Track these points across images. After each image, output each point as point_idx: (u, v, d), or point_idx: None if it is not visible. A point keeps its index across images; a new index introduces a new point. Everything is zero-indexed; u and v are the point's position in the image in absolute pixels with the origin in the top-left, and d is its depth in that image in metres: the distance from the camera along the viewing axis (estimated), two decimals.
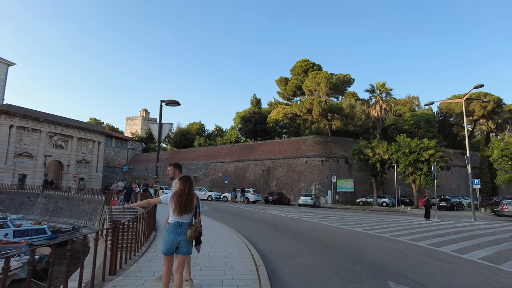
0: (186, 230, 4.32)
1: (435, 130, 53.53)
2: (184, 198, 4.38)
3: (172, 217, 4.40)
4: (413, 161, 34.96)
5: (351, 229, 13.92)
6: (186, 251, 4.37)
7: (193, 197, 4.47)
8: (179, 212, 4.32)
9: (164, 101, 11.10)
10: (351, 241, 10.62)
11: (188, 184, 4.52)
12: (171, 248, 4.30)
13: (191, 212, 4.42)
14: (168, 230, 4.35)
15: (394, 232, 12.92)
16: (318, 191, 41.72)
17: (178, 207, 4.34)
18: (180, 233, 4.29)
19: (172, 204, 4.43)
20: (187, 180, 4.59)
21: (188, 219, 4.42)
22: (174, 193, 4.54)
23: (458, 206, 36.15)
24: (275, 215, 20.02)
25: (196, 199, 4.57)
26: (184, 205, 4.35)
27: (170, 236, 4.30)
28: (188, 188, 4.48)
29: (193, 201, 4.45)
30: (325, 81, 45.54)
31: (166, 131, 10.96)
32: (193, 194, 4.50)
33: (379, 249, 9.28)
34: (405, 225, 16.11)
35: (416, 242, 10.52)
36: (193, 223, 4.44)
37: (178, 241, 4.27)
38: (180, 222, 4.34)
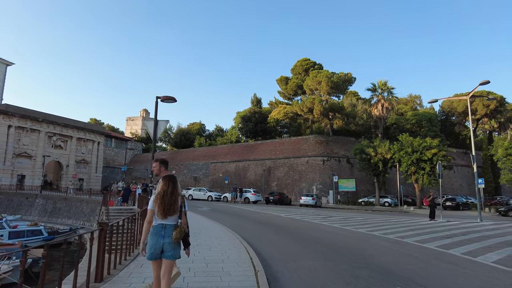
0: (170, 232, 4.04)
1: (437, 129, 53.05)
2: (168, 199, 4.10)
3: (156, 220, 4.13)
4: (415, 160, 34.50)
5: (355, 230, 13.46)
6: (172, 255, 4.06)
7: (177, 197, 4.19)
8: (163, 214, 4.05)
9: (160, 97, 10.66)
10: (355, 243, 10.17)
11: (172, 184, 4.22)
12: (155, 252, 4.02)
13: (176, 213, 4.14)
14: (152, 233, 4.08)
15: (399, 233, 12.46)
16: (319, 191, 41.25)
17: (161, 209, 4.06)
18: (164, 236, 4.02)
19: (155, 206, 4.14)
20: (170, 179, 4.28)
21: (173, 220, 4.13)
22: (157, 194, 4.23)
23: (465, 206, 35.70)
24: (276, 216, 19.57)
25: (181, 198, 4.28)
26: (168, 206, 4.08)
27: (154, 239, 4.02)
28: (171, 188, 4.19)
29: (177, 202, 4.17)
30: (326, 80, 45.08)
31: (162, 128, 10.52)
32: (177, 194, 4.21)
33: (385, 251, 8.82)
34: (410, 225, 15.64)
35: (424, 244, 10.06)
36: (179, 224, 4.14)
37: (162, 244, 3.99)
38: (164, 224, 4.08)
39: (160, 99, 10.69)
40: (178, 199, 4.20)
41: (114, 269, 5.90)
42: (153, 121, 10.44)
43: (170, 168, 59.09)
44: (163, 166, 5.20)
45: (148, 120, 10.65)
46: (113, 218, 17.71)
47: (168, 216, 4.08)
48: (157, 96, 10.70)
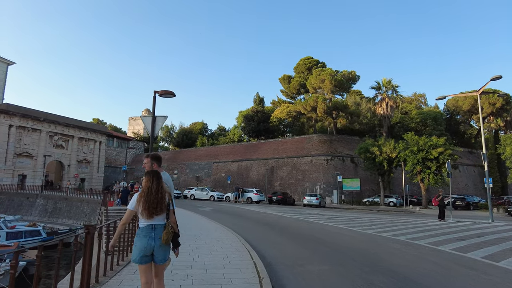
0: (161, 233, 3.72)
1: (442, 128, 52.28)
2: (153, 197, 3.75)
3: (143, 221, 3.78)
4: (421, 159, 33.83)
5: (362, 231, 12.87)
6: (163, 257, 3.77)
7: (163, 195, 3.83)
8: (149, 214, 3.71)
9: (158, 91, 10.12)
10: (364, 245, 9.59)
11: (156, 180, 3.86)
12: (144, 256, 3.67)
13: (164, 212, 3.80)
14: (140, 235, 3.72)
15: (409, 235, 11.86)
16: (323, 191, 40.62)
17: (146, 208, 3.71)
18: (155, 238, 3.69)
19: (139, 206, 3.77)
20: (154, 175, 3.90)
21: (162, 220, 3.80)
22: (140, 193, 3.86)
23: (475, 205, 35.08)
24: (279, 216, 19.00)
25: (168, 195, 3.92)
26: (154, 205, 3.73)
27: (143, 241, 3.67)
28: (156, 184, 3.82)
29: (164, 199, 3.82)
30: (329, 78, 44.42)
31: (160, 125, 9.96)
32: (163, 191, 3.85)
33: (397, 255, 8.24)
34: (419, 226, 15.02)
35: (438, 246, 9.46)
36: (167, 224, 3.80)
37: (152, 246, 3.67)
38: (153, 225, 3.75)
39: (158, 94, 10.16)
40: (164, 196, 3.84)
41: (104, 276, 5.36)
42: (151, 117, 9.89)
43: (172, 167, 59.36)
44: (155, 162, 4.72)
45: (145, 116, 10.10)
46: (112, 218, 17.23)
47: (155, 216, 3.73)
48: (155, 90, 10.17)
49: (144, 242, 3.67)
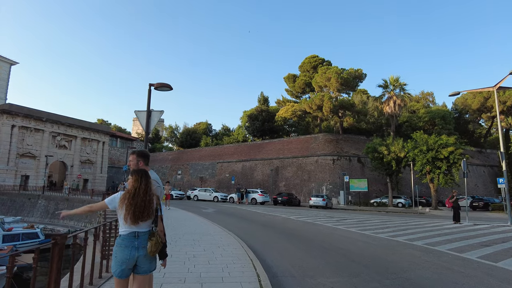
0: (145, 242, 3.22)
1: (451, 127, 51.02)
2: (140, 199, 3.22)
3: (125, 227, 3.24)
4: (431, 159, 32.74)
5: (375, 235, 11.98)
6: (148, 268, 3.25)
7: (151, 198, 3.31)
8: (134, 219, 3.18)
9: (153, 84, 9.35)
10: (379, 252, 8.71)
11: (144, 181, 3.34)
12: (126, 268, 3.17)
13: (150, 217, 3.27)
14: (121, 245, 3.19)
15: (426, 239, 10.95)
16: (329, 192, 39.67)
17: (131, 212, 3.18)
18: (139, 247, 3.18)
19: (122, 209, 3.23)
20: (143, 174, 3.39)
21: (147, 226, 3.28)
22: (125, 193, 3.33)
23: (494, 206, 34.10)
24: (285, 218, 18.14)
25: (156, 199, 3.41)
26: (140, 209, 3.19)
27: (125, 252, 3.15)
28: (144, 185, 3.30)
29: (151, 203, 3.29)
30: (336, 76, 43.44)
31: (155, 120, 9.20)
32: (151, 194, 3.33)
33: (419, 263, 7.35)
34: (434, 229, 14.07)
35: (462, 253, 8.54)
36: (154, 232, 3.28)
37: (136, 257, 3.16)
38: (137, 232, 3.22)
39: (153, 87, 9.38)
40: (153, 199, 3.31)
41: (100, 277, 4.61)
42: (146, 111, 9.12)
43: (176, 168, 58.77)
44: (142, 160, 4.01)
45: (140, 110, 9.33)
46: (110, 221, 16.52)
47: (140, 222, 3.20)
48: (150, 83, 9.40)
49: (126, 253, 3.14)
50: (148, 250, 3.16)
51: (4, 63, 49.57)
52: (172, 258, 6.95)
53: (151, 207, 3.26)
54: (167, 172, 59.10)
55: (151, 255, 3.20)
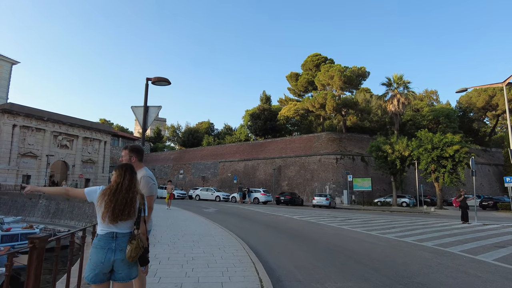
0: (124, 244, 2.86)
1: (455, 125, 50.38)
2: (121, 196, 2.89)
3: (102, 226, 2.90)
4: (436, 157, 32.23)
5: (382, 236, 11.54)
6: (127, 275, 2.87)
7: (134, 196, 2.95)
8: (112, 217, 2.84)
9: (151, 79, 8.95)
10: (389, 254, 8.28)
11: (129, 176, 3.01)
12: (101, 273, 2.82)
13: (132, 217, 2.92)
14: (97, 246, 2.86)
15: (436, 240, 10.50)
16: (332, 191, 39.20)
17: (111, 209, 2.84)
18: (116, 249, 2.84)
19: (101, 205, 2.89)
20: (127, 169, 3.05)
21: (127, 228, 2.93)
22: (106, 188, 3.00)
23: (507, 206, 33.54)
24: (288, 218, 17.72)
25: (141, 198, 3.02)
26: (120, 207, 2.85)
27: (100, 254, 2.82)
28: (128, 181, 2.97)
29: (134, 202, 2.93)
30: (339, 74, 42.92)
31: (153, 116, 8.78)
32: (135, 191, 2.98)
33: (431, 266, 6.92)
34: (443, 230, 13.61)
35: (476, 255, 8.10)
36: (135, 235, 2.91)
37: (112, 261, 2.81)
38: (115, 233, 2.88)
39: (151, 81, 8.98)
40: (136, 197, 2.96)
41: None
42: (143, 107, 8.71)
43: (178, 167, 58.46)
44: (135, 155, 3.65)
45: (137, 106, 8.93)
46: None
47: (119, 221, 2.86)
48: (147, 77, 9.00)
49: (101, 255, 2.80)
50: (127, 254, 2.81)
51: (5, 62, 49.36)
52: (169, 261, 6.56)
53: (133, 206, 2.90)
54: (169, 172, 58.79)
55: (130, 261, 2.83)
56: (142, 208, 2.97)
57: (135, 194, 2.94)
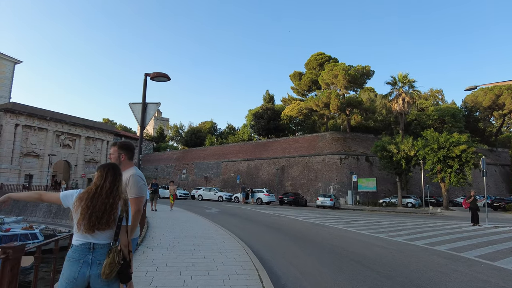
0: (103, 257, 2.45)
1: (461, 125, 49.70)
2: (100, 202, 2.48)
3: (78, 235, 2.50)
4: (442, 157, 31.64)
5: (390, 238, 11.07)
6: None
7: (115, 202, 2.52)
8: (88, 226, 2.43)
9: (149, 74, 8.56)
10: (400, 259, 7.82)
11: (111, 178, 2.58)
12: None
13: (111, 227, 2.50)
14: (70, 258, 2.45)
15: (448, 244, 10.02)
16: (337, 191, 38.68)
17: (87, 216, 2.44)
18: (92, 263, 2.42)
19: (77, 212, 2.49)
20: (109, 170, 2.63)
21: (106, 238, 2.51)
22: (84, 192, 2.56)
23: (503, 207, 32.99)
24: (292, 219, 17.27)
25: (123, 203, 2.57)
26: (99, 214, 2.44)
27: (73, 268, 2.40)
28: (109, 184, 2.54)
29: (115, 208, 2.50)
30: (343, 73, 42.39)
31: (151, 113, 8.41)
32: (116, 196, 2.54)
33: (448, 274, 6.45)
34: (453, 232, 13.12)
35: (494, 261, 7.62)
36: (115, 246, 2.48)
37: (87, 276, 2.40)
38: (92, 244, 2.47)
39: (149, 77, 8.58)
40: (117, 203, 2.53)
41: None
42: (141, 104, 8.32)
43: (181, 167, 58.17)
44: (124, 153, 3.22)
45: (135, 103, 8.54)
46: None
47: (97, 230, 2.44)
48: (145, 73, 8.60)
49: (74, 269, 2.38)
50: (103, 271, 2.39)
51: (8, 61, 49.30)
52: (167, 267, 6.15)
53: (113, 213, 2.47)
54: (172, 172, 58.51)
55: (104, 278, 2.39)
56: (124, 216, 2.55)
57: (117, 199, 2.52)
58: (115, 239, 2.49)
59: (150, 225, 12.29)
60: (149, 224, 12.37)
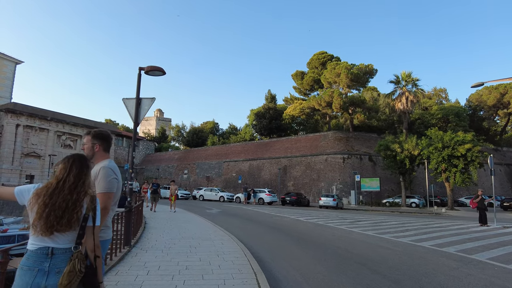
0: (63, 264, 2.03)
1: (465, 124, 49.07)
2: (61, 198, 2.07)
3: (34, 238, 2.09)
4: (446, 156, 31.10)
5: (396, 239, 10.65)
6: None
7: (80, 197, 2.13)
8: (46, 226, 2.01)
9: (143, 68, 8.18)
10: (408, 262, 7.40)
11: (76, 170, 2.18)
12: None
13: (72, 227, 2.08)
14: (23, 267, 2.02)
15: (457, 245, 9.58)
16: (339, 191, 38.21)
17: (44, 215, 2.02)
18: (50, 272, 2.00)
19: (33, 210, 2.09)
20: (74, 161, 2.23)
21: (68, 241, 2.09)
22: (43, 187, 2.16)
23: None
24: (294, 220, 16.85)
25: (90, 200, 2.19)
26: (59, 213, 2.03)
27: (25, 278, 1.99)
28: (73, 177, 2.15)
29: (78, 207, 2.10)
30: (345, 71, 41.91)
31: (146, 108, 8.03)
32: (81, 192, 2.15)
33: (460, 278, 6.03)
34: (461, 233, 12.67)
35: (508, 265, 7.17)
36: (77, 251, 2.07)
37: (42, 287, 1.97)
38: (51, 248, 2.05)
39: (144, 71, 8.21)
40: (81, 200, 2.14)
41: None
42: (135, 99, 7.95)
43: (182, 167, 57.90)
44: (99, 143, 2.80)
45: (129, 98, 8.16)
46: None
47: (56, 232, 2.04)
48: (140, 67, 8.23)
49: (26, 279, 1.98)
50: (59, 282, 1.97)
51: (9, 62, 49.19)
52: (159, 270, 5.76)
53: (76, 212, 2.07)
54: (173, 172, 58.22)
55: None
56: (89, 215, 2.16)
57: (82, 195, 2.13)
58: (78, 243, 2.10)
59: (147, 225, 11.93)
60: (146, 225, 12.01)
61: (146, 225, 11.91)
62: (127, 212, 7.53)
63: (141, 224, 11.56)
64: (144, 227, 11.43)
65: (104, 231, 2.73)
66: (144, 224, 11.95)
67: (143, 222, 12.36)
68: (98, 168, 2.77)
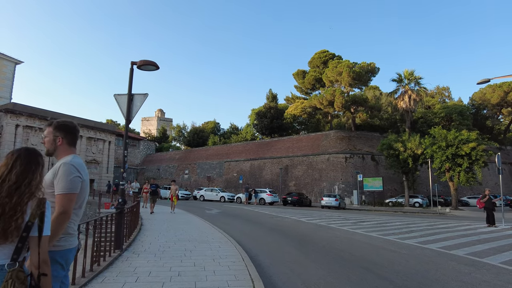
0: None
1: (469, 122, 48.52)
2: None
3: None
4: (450, 155, 30.61)
5: (401, 241, 10.21)
6: None
7: (22, 200, 1.71)
8: None
9: (136, 62, 7.78)
10: (415, 266, 6.97)
11: (20, 168, 1.79)
12: None
13: (10, 237, 1.66)
14: None
15: (466, 248, 9.14)
16: (342, 191, 37.74)
17: None
18: None
19: None
20: (19, 156, 1.85)
21: (2, 256, 1.67)
22: None
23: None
24: (296, 221, 16.43)
25: (36, 205, 1.75)
26: None
27: None
28: (16, 176, 1.75)
29: (19, 211, 1.68)
30: (347, 70, 41.41)
31: (138, 105, 7.63)
32: (26, 194, 1.74)
33: (474, 285, 5.60)
34: (469, 234, 12.21)
35: None
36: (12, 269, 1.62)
37: None
38: None
39: (136, 66, 7.81)
40: (25, 204, 1.73)
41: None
42: (126, 95, 7.55)
43: (183, 167, 57.61)
44: (61, 135, 2.34)
45: (120, 94, 7.77)
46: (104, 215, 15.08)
47: None
48: (132, 61, 7.83)
49: None
50: None
51: (9, 62, 48.91)
52: (149, 277, 5.35)
53: (15, 220, 1.66)
54: (174, 172, 57.87)
55: None
56: (34, 223, 1.73)
57: (25, 198, 1.72)
58: (14, 258, 1.68)
59: (143, 227, 11.53)
60: (142, 227, 11.62)
61: (142, 227, 11.52)
62: (117, 214, 7.13)
63: (137, 226, 11.17)
64: (140, 228, 11.04)
65: (65, 240, 2.31)
66: (140, 226, 11.56)
67: (139, 223, 11.98)
68: (58, 165, 2.36)
